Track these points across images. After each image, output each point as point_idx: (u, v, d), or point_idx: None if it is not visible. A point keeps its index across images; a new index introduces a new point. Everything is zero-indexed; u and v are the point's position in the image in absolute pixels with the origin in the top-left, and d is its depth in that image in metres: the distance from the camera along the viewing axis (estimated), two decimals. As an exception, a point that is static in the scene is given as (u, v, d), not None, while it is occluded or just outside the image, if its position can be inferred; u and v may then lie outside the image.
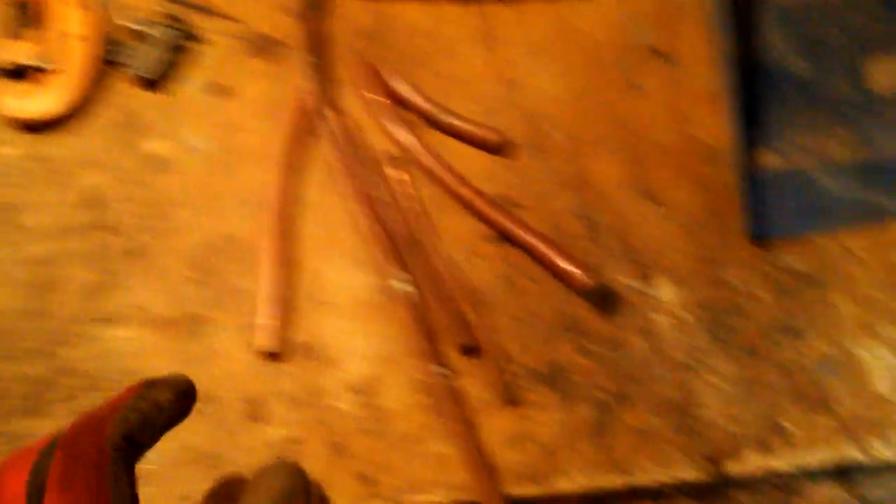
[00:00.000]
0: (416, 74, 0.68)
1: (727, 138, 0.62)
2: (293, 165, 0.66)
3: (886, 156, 0.62)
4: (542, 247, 0.60)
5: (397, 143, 0.65)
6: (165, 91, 0.69)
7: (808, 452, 0.54)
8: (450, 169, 0.64)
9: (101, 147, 0.68)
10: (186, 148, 0.67)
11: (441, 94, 0.67)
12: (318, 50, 0.69)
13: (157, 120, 0.68)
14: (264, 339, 0.60)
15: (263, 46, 0.70)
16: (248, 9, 0.71)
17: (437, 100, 0.67)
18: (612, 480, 0.55)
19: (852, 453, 0.54)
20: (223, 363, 0.61)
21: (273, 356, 0.60)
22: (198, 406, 0.43)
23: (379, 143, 0.66)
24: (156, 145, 0.68)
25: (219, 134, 0.67)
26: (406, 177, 0.65)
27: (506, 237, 0.62)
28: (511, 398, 0.58)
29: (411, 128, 0.66)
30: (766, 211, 0.60)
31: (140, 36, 0.70)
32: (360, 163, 0.65)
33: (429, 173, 0.65)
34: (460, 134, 0.65)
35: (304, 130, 0.67)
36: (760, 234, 0.59)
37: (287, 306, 0.62)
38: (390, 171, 0.65)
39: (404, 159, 0.65)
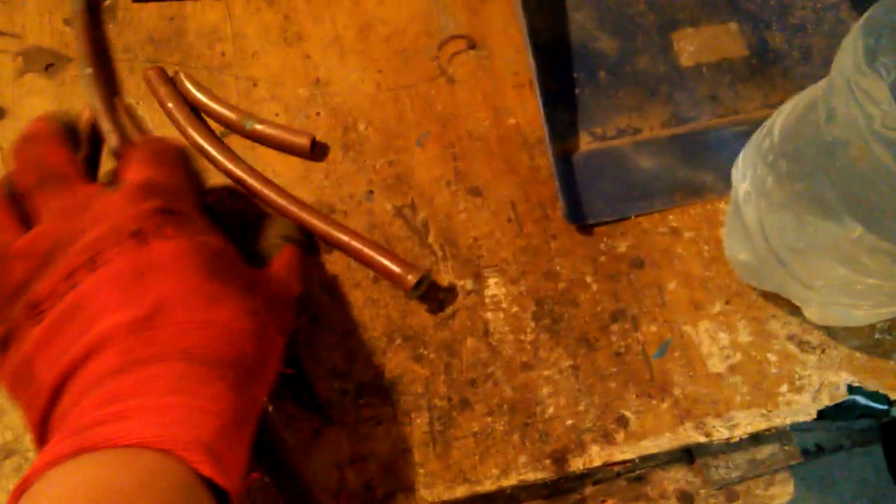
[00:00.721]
0: (215, 80, 0.62)
1: (541, 125, 0.59)
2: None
3: (695, 128, 0.60)
4: (362, 248, 0.55)
5: (205, 156, 0.59)
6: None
7: (651, 440, 0.52)
8: (261, 177, 0.58)
9: None
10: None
11: (244, 98, 0.61)
12: (100, 60, 0.61)
13: None
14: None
15: (41, 60, 0.62)
16: (23, 19, 0.63)
17: (241, 105, 0.60)
18: (457, 491, 0.51)
19: (694, 436, 0.52)
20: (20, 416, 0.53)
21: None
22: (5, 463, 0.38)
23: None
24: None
25: (-5, 160, 0.59)
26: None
27: (326, 243, 0.56)
28: (334, 417, 0.53)
29: (216, 139, 0.59)
30: (584, 196, 0.58)
31: None
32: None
33: (241, 184, 0.59)
34: (268, 140, 0.60)
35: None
36: (579, 220, 0.57)
37: None
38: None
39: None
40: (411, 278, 0.54)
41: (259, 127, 0.60)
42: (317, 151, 0.61)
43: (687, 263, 0.57)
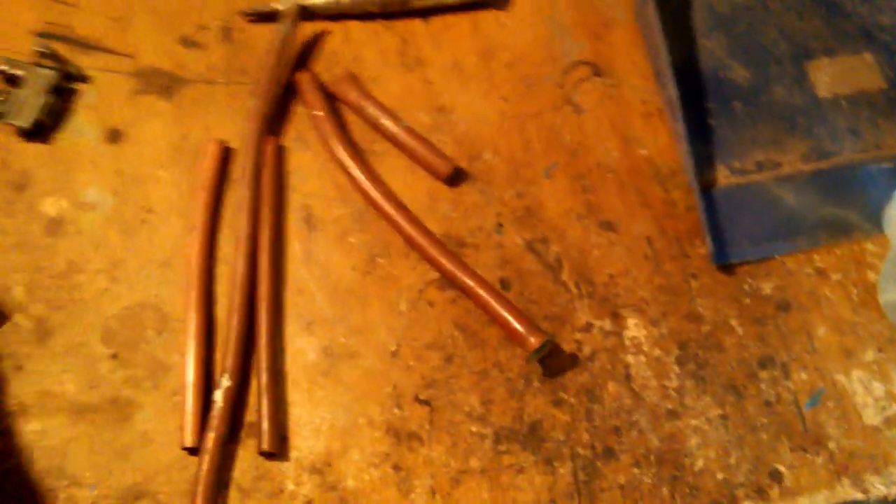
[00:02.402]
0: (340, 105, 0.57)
1: (675, 156, 0.55)
2: (209, 221, 0.54)
3: (838, 163, 0.55)
4: (488, 299, 0.52)
5: (344, 170, 0.55)
6: (51, 141, 0.56)
7: (807, 497, 0.47)
8: (396, 201, 0.54)
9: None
10: (83, 205, 0.55)
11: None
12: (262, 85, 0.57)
13: (45, 175, 0.56)
14: (187, 435, 0.48)
15: (157, 82, 0.58)
16: (137, 41, 0.59)
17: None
18: None
19: (852, 493, 0.47)
20: (158, 452, 0.51)
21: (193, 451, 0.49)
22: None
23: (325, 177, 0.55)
24: (48, 204, 0.55)
25: (118, 186, 0.55)
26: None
27: (452, 283, 0.52)
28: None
29: (357, 155, 0.55)
30: (727, 234, 0.53)
31: (12, 80, 0.56)
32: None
33: (377, 209, 0.54)
34: (410, 149, 0.56)
35: (219, 178, 0.55)
36: (723, 259, 0.52)
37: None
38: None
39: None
40: (534, 341, 0.50)
41: (403, 134, 0.56)
42: (447, 179, 0.56)
43: (835, 307, 0.52)
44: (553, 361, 0.52)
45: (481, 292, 0.53)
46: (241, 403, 0.52)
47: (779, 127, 0.58)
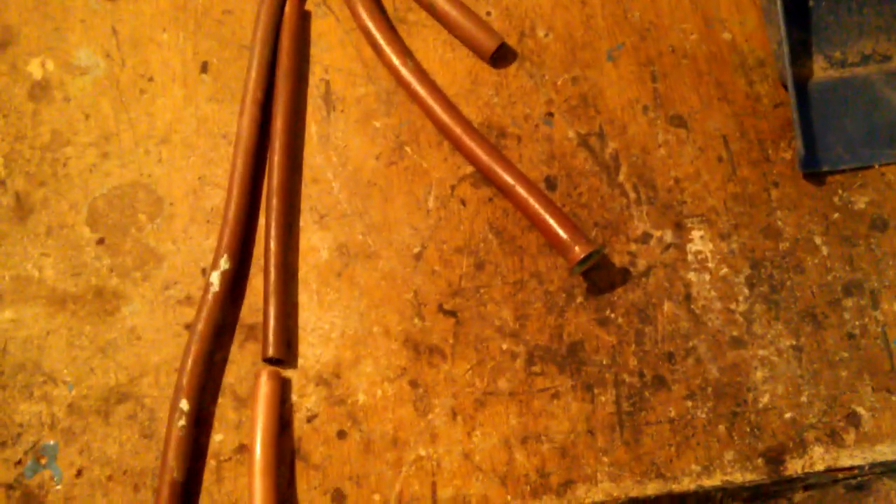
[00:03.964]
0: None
1: (764, 42, 0.48)
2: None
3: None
4: (527, 198, 0.47)
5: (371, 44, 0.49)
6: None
7: (888, 445, 0.42)
8: (429, 83, 0.48)
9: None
10: (73, 68, 0.50)
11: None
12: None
13: (31, 32, 0.51)
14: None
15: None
16: None
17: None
18: (648, 487, 0.41)
19: (944, 444, 0.41)
20: (145, 351, 0.47)
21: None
22: (120, 409, 0.41)
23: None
24: (33, 65, 0.50)
25: (112, 48, 0.50)
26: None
27: (487, 178, 0.47)
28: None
29: (390, 26, 0.50)
30: (820, 136, 0.47)
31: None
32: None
33: (407, 90, 0.48)
34: (452, 23, 0.49)
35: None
36: (813, 166, 0.45)
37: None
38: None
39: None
40: (580, 250, 0.45)
41: (443, 2, 0.49)
42: (491, 58, 0.50)
43: (942, 229, 0.46)
44: (601, 275, 0.47)
45: (522, 192, 0.47)
46: (238, 300, 0.47)
47: (891, 12, 0.50)
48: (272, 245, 0.47)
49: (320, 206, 0.49)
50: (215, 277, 0.46)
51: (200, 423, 0.45)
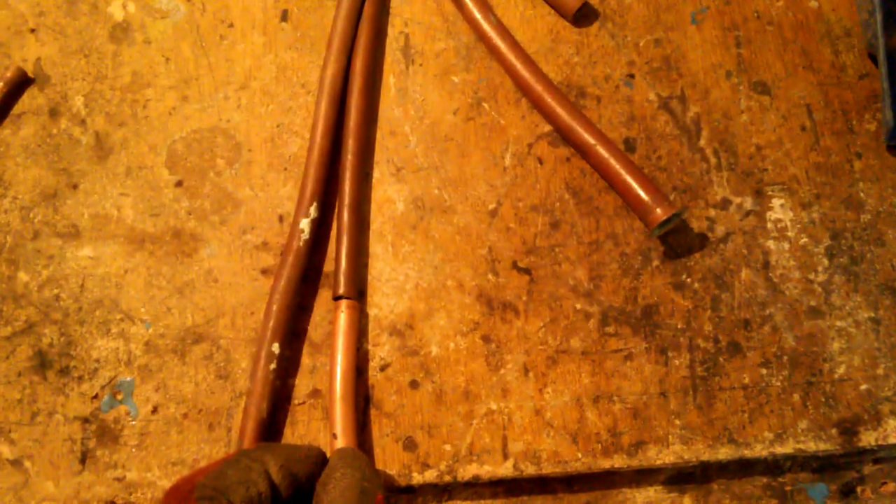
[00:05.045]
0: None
1: (853, 11, 0.48)
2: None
3: None
4: (607, 158, 0.48)
5: (462, 9, 0.50)
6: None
7: (966, 420, 0.42)
8: (509, 38, 0.48)
9: (45, 7, 0.50)
10: (154, 10, 0.51)
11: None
12: None
13: (113, -29, 0.51)
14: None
15: None
16: None
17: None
18: (720, 452, 0.42)
19: None
20: (222, 293, 0.48)
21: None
22: (196, 349, 0.42)
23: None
24: (115, 6, 0.51)
25: (198, -8, 0.51)
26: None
27: (565, 138, 0.48)
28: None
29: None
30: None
31: None
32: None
33: (487, 45, 0.49)
34: None
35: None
36: (900, 139, 0.45)
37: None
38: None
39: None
40: (660, 213, 0.45)
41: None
42: (574, 17, 0.50)
43: None
44: (678, 239, 0.47)
45: (601, 152, 0.47)
46: (319, 250, 0.48)
47: None
48: (346, 189, 0.48)
49: (397, 159, 0.50)
50: (305, 225, 0.47)
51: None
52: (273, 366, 0.45)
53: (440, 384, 0.46)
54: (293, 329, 0.47)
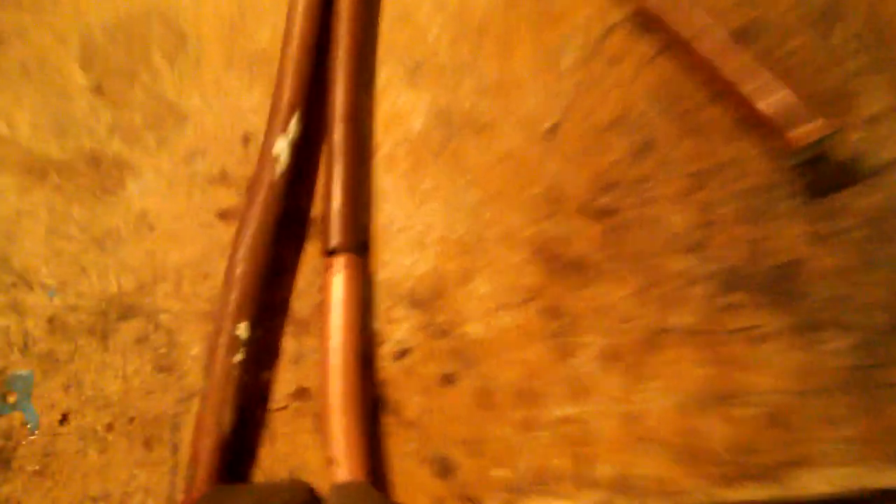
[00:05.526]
0: None
1: None
2: None
3: None
4: (730, 67, 0.34)
5: None
6: None
7: None
8: None
9: None
10: None
11: None
12: None
13: None
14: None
15: None
16: None
17: None
18: (891, 476, 0.29)
19: None
20: (161, 246, 0.35)
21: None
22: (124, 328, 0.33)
23: None
24: None
25: None
26: None
27: (657, 29, 0.36)
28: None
29: None
30: None
31: None
32: None
33: None
34: None
35: None
36: None
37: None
38: None
39: None
40: (806, 131, 0.32)
41: None
42: None
43: None
44: (823, 169, 0.34)
45: (706, 45, 0.34)
46: (301, 185, 0.34)
47: None
48: (339, 96, 0.35)
49: (410, 57, 0.37)
50: (282, 148, 0.33)
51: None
52: (239, 356, 0.31)
53: (484, 379, 0.33)
54: (267, 300, 0.34)
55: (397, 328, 0.33)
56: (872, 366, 0.32)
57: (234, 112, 0.36)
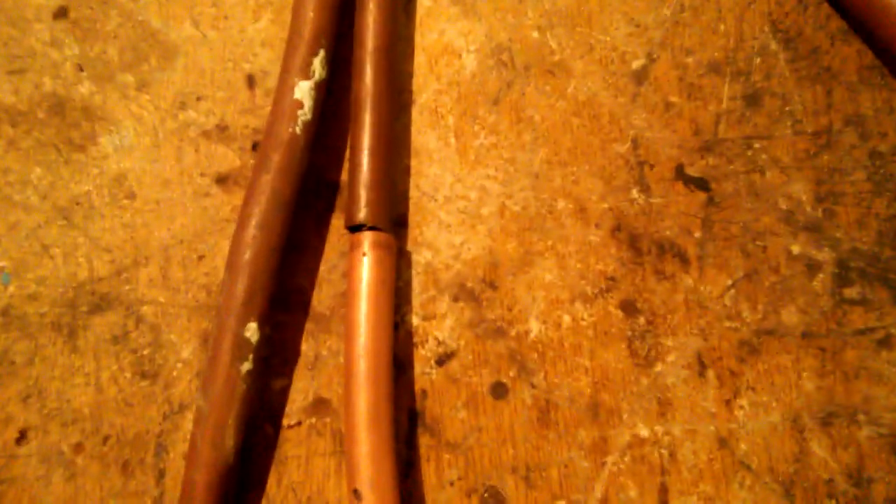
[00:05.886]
0: None
1: None
2: None
3: None
4: None
5: None
6: None
7: None
8: None
9: None
10: None
11: None
12: None
13: None
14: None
15: None
16: None
17: None
18: None
19: None
20: (144, 219, 0.31)
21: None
22: (98, 323, 0.28)
23: None
24: None
25: None
26: None
27: None
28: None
29: None
30: None
31: None
32: None
33: None
34: None
35: None
36: None
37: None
38: None
39: None
40: None
41: None
42: None
43: None
44: None
45: None
46: (322, 143, 0.29)
47: None
48: (370, 26, 0.30)
49: None
50: (304, 92, 0.29)
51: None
52: (247, 365, 0.25)
53: (546, 390, 0.30)
54: (281, 289, 0.30)
55: (439, 326, 0.31)
56: None
57: (238, 44, 0.34)
